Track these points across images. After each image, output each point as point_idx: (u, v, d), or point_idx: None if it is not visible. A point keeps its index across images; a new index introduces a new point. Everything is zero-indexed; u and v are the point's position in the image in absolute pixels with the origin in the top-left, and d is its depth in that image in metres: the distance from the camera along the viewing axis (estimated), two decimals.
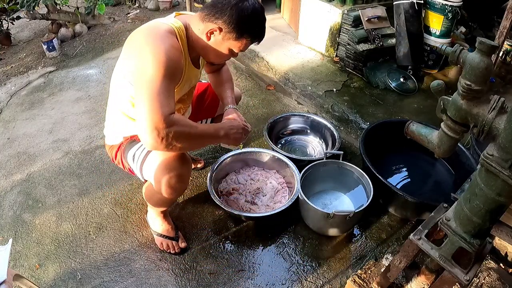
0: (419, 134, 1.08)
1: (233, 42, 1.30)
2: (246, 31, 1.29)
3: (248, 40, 1.32)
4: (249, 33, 1.31)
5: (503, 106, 0.85)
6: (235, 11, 1.24)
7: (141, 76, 1.16)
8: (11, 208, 1.90)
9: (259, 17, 1.31)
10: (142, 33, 1.24)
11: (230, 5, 1.24)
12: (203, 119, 1.86)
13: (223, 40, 1.30)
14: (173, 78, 1.22)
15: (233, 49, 1.34)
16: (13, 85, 3.10)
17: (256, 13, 1.28)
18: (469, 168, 1.85)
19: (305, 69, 3.03)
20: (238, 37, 1.29)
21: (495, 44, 0.83)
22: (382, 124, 2.11)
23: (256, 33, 1.34)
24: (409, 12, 2.72)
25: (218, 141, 1.41)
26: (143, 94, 1.14)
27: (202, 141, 1.37)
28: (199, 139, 1.30)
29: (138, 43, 1.22)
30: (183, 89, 1.45)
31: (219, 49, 1.33)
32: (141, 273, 1.59)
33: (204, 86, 1.84)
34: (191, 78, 1.47)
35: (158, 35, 1.21)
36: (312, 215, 1.70)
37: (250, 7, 1.27)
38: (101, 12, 3.90)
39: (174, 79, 1.24)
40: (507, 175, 0.81)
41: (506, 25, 2.32)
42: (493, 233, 1.01)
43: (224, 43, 1.31)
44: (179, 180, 1.35)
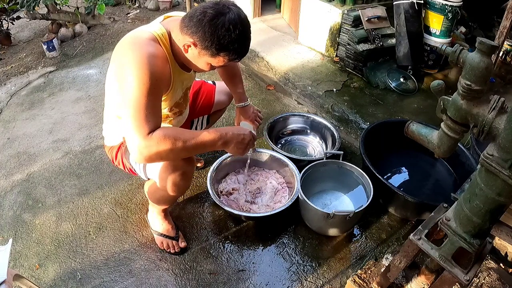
0: (419, 134, 1.08)
1: (209, 58, 1.23)
2: (223, 49, 1.18)
3: (225, 57, 1.22)
4: (226, 51, 1.19)
5: (503, 106, 0.85)
6: (209, 27, 1.14)
7: (124, 94, 1.14)
8: (11, 208, 1.90)
9: (239, 33, 1.17)
10: (125, 43, 1.21)
11: (205, 21, 1.14)
12: (199, 116, 1.87)
13: (200, 55, 1.23)
14: (157, 92, 1.19)
15: (212, 64, 1.26)
16: (13, 85, 3.10)
17: (235, 28, 1.15)
18: (469, 168, 1.85)
19: (305, 69, 3.03)
20: (214, 54, 1.20)
21: (495, 44, 0.83)
22: (382, 124, 2.11)
23: (235, 51, 1.21)
24: (409, 12, 2.72)
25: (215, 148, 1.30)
26: (126, 113, 1.14)
27: (194, 151, 1.27)
28: (190, 151, 1.23)
29: (121, 54, 1.20)
30: (176, 94, 1.43)
31: (197, 63, 1.28)
32: (141, 273, 1.59)
33: (198, 84, 1.83)
34: (183, 82, 1.44)
35: (139, 45, 1.18)
36: (312, 215, 1.70)
37: (227, 23, 1.14)
38: (101, 12, 3.90)
39: (159, 92, 1.20)
40: (507, 175, 0.81)
41: (506, 25, 2.32)
42: (493, 233, 1.01)
43: (201, 58, 1.24)
44: (183, 178, 1.37)
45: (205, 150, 1.30)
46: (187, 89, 1.56)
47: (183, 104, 1.56)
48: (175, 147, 1.15)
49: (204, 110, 1.85)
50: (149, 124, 1.14)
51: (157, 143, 1.13)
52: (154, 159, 1.18)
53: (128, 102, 1.13)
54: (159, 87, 1.19)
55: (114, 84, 1.29)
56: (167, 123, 1.55)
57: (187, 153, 1.25)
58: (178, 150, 1.17)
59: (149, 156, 1.15)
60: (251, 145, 1.37)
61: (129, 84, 1.13)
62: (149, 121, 1.13)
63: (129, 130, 1.14)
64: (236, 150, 1.31)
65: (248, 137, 1.33)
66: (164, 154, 1.16)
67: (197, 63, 1.28)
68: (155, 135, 1.13)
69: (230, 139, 1.28)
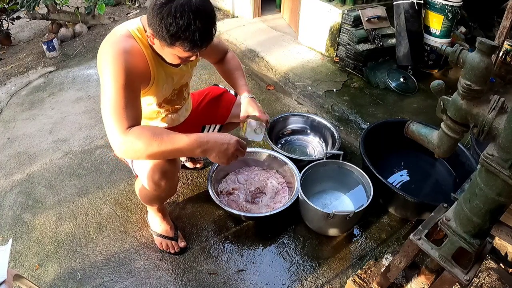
0: (419, 134, 1.08)
1: (169, 49, 1.17)
2: (175, 38, 1.11)
3: (181, 47, 1.15)
4: (179, 40, 1.12)
5: (503, 106, 0.85)
6: (157, 16, 1.09)
7: (102, 92, 1.17)
8: (11, 208, 1.90)
9: (187, 21, 1.08)
10: (103, 43, 1.23)
11: (154, 10, 1.09)
12: (212, 124, 1.81)
13: (161, 46, 1.19)
14: (133, 87, 1.18)
15: (177, 55, 1.20)
16: (13, 85, 3.10)
17: (182, 16, 1.07)
18: (469, 168, 1.85)
19: (305, 69, 3.03)
20: (170, 44, 1.15)
21: (495, 44, 0.83)
22: (382, 124, 2.11)
23: (188, 40, 1.12)
24: (409, 12, 2.72)
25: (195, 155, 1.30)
26: (104, 109, 1.15)
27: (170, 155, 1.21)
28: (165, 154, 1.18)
29: (100, 53, 1.22)
30: (162, 90, 1.39)
31: (165, 56, 1.25)
32: (141, 273, 1.59)
33: (219, 91, 1.79)
34: (172, 77, 1.39)
35: (113, 42, 1.19)
36: (312, 215, 1.70)
37: (173, 10, 1.07)
38: (101, 12, 3.90)
39: (135, 87, 1.20)
40: (507, 175, 0.81)
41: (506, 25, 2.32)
42: (493, 233, 1.01)
43: (164, 49, 1.20)
44: (162, 177, 1.33)
45: (184, 155, 1.27)
46: (181, 86, 1.51)
47: (176, 101, 1.52)
48: (150, 147, 1.13)
49: (218, 119, 1.80)
50: (127, 120, 1.14)
51: (132, 141, 1.12)
52: (132, 156, 1.19)
53: (105, 99, 1.15)
54: (134, 82, 1.19)
55: None
56: (159, 120, 1.53)
57: (162, 156, 1.18)
58: (153, 151, 1.14)
59: (126, 152, 1.15)
60: (240, 154, 1.24)
61: (105, 81, 1.15)
62: (126, 117, 1.14)
63: (107, 126, 1.15)
64: (218, 160, 1.21)
65: (232, 147, 1.20)
66: (140, 153, 1.14)
67: (164, 55, 1.26)
68: (132, 132, 1.13)
69: (211, 147, 1.18)
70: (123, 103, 1.14)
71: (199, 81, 3.03)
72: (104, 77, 1.16)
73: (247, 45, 3.44)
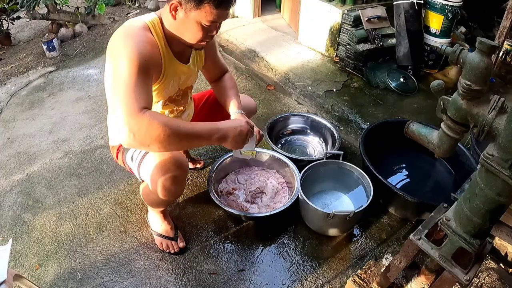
0: (419, 134, 1.08)
1: (196, 12, 1.18)
2: None
3: (210, 4, 1.16)
4: None
5: (503, 106, 0.85)
6: None
7: (114, 77, 1.13)
8: (11, 208, 1.90)
9: None
10: (116, 35, 1.20)
11: None
12: None
13: (186, 13, 1.19)
14: (147, 72, 1.16)
15: (201, 22, 1.20)
16: (13, 85, 3.10)
17: None
18: (469, 168, 1.85)
19: (305, 69, 3.03)
20: (198, 4, 1.16)
21: (495, 44, 0.83)
22: (382, 124, 2.11)
23: None
24: (409, 12, 2.72)
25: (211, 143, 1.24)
26: (115, 91, 1.10)
27: (187, 141, 1.17)
28: (182, 139, 1.14)
29: (112, 46, 1.19)
30: (169, 86, 1.40)
31: (188, 27, 1.23)
32: (141, 273, 1.59)
33: None
34: (179, 74, 1.40)
35: (129, 34, 1.18)
36: (312, 215, 1.70)
37: None
38: (101, 12, 3.90)
39: (148, 73, 1.17)
40: (507, 175, 0.81)
41: (506, 25, 2.32)
42: (493, 233, 1.01)
43: (189, 18, 1.20)
44: (173, 182, 1.33)
45: (200, 143, 1.23)
46: (187, 88, 1.53)
47: (181, 101, 1.53)
48: (168, 129, 1.08)
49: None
50: (141, 101, 1.09)
51: (149, 121, 1.06)
52: (143, 141, 1.08)
53: (118, 79, 1.11)
54: (149, 68, 1.17)
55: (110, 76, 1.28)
56: None
57: (179, 141, 1.13)
58: (171, 134, 1.09)
59: (139, 135, 1.06)
60: (250, 135, 1.32)
61: (119, 64, 1.12)
62: (140, 98, 1.09)
63: (119, 107, 1.08)
64: (235, 144, 1.26)
65: (245, 128, 1.28)
66: (155, 135, 1.07)
67: (187, 29, 1.23)
68: (148, 113, 1.08)
69: (227, 132, 1.23)
70: (138, 84, 1.10)
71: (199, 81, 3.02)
72: (118, 60, 1.12)
73: (247, 45, 3.44)
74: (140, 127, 1.06)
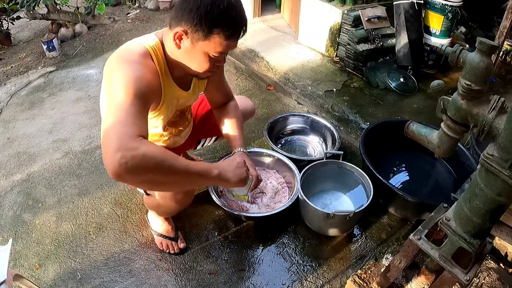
0: (419, 134, 1.08)
1: (204, 43, 1.10)
2: (215, 24, 1.06)
3: (220, 35, 1.08)
4: (219, 25, 1.07)
5: (503, 106, 0.85)
6: (193, 2, 1.04)
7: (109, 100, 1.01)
8: (11, 208, 1.90)
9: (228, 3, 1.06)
10: (115, 59, 1.11)
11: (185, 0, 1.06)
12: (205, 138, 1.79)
13: (193, 44, 1.11)
14: (145, 100, 1.05)
15: (209, 52, 1.13)
16: (13, 85, 3.10)
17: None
18: (469, 168, 1.85)
19: (305, 69, 3.03)
20: (207, 34, 1.08)
21: (495, 44, 0.83)
22: (382, 124, 2.11)
23: (229, 23, 1.08)
24: (409, 12, 2.72)
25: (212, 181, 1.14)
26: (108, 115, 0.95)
27: (185, 177, 1.02)
28: (179, 174, 0.99)
29: (110, 69, 1.09)
30: (167, 112, 1.32)
31: (194, 58, 1.15)
32: (141, 273, 1.59)
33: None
34: (178, 99, 1.34)
35: (128, 59, 1.09)
36: (312, 215, 1.70)
37: None
38: (101, 12, 3.90)
39: (146, 101, 1.06)
40: (507, 175, 0.81)
41: (506, 25, 2.32)
42: (493, 233, 1.01)
43: (195, 48, 1.12)
44: (185, 195, 1.36)
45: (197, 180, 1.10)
46: (185, 110, 1.48)
47: (179, 122, 1.48)
48: (166, 161, 0.94)
49: (215, 131, 1.73)
50: (137, 127, 0.94)
51: (146, 149, 0.90)
52: (136, 171, 0.89)
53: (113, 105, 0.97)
54: (147, 95, 1.06)
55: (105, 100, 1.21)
56: (161, 143, 1.47)
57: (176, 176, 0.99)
58: (168, 167, 0.95)
59: (133, 164, 0.87)
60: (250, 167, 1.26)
61: (114, 88, 1.01)
62: (136, 124, 0.95)
63: (111, 131, 0.90)
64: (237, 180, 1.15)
65: (241, 161, 1.21)
66: (152, 166, 0.91)
67: (193, 58, 1.16)
68: (145, 141, 0.93)
69: (227, 167, 1.14)
70: (135, 110, 0.98)
71: None
72: (115, 84, 1.02)
73: (247, 45, 3.44)
74: (134, 155, 0.87)
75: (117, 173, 0.87)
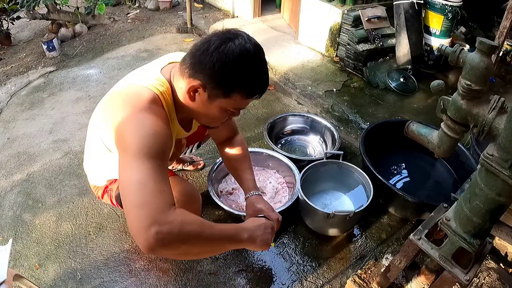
0: (419, 134, 1.08)
1: (223, 100, 1.01)
2: (237, 83, 0.99)
3: (243, 94, 1.01)
4: (242, 85, 0.99)
5: (503, 106, 0.85)
6: (217, 58, 0.94)
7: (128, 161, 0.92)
8: (11, 208, 1.90)
9: (253, 61, 0.99)
10: (122, 104, 1.01)
11: (210, 51, 0.95)
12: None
13: (210, 99, 1.02)
14: (165, 157, 0.99)
15: (227, 108, 1.05)
16: (13, 85, 3.10)
17: (247, 55, 0.97)
18: (469, 168, 1.85)
19: (305, 69, 3.03)
20: (227, 93, 1.00)
21: (495, 44, 0.83)
22: (382, 124, 2.11)
23: (252, 84, 1.01)
24: (409, 12, 2.72)
25: (240, 245, 1.05)
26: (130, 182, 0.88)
27: (218, 245, 0.98)
28: (214, 243, 0.94)
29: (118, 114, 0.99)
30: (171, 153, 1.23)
31: (210, 111, 1.06)
32: (141, 273, 1.59)
33: None
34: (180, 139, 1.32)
35: (139, 108, 0.99)
36: (312, 215, 1.70)
37: (237, 48, 0.95)
38: (101, 12, 3.90)
39: (166, 157, 1.01)
40: (507, 175, 0.81)
41: (506, 25, 2.32)
42: (493, 233, 1.01)
43: (213, 104, 1.03)
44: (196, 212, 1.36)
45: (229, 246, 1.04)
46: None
47: (177, 153, 1.50)
48: (203, 231, 0.90)
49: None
50: (166, 195, 0.88)
51: (182, 221, 0.85)
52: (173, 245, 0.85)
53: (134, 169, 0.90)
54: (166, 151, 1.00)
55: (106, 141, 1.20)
56: None
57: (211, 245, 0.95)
58: (204, 238, 0.91)
59: (169, 238, 0.83)
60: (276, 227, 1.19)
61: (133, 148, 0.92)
62: (165, 192, 0.89)
63: (137, 202, 0.85)
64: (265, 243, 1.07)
65: (269, 223, 1.12)
66: (189, 239, 0.87)
67: (208, 112, 1.07)
68: (178, 211, 0.88)
69: (255, 231, 1.05)
70: (160, 174, 0.91)
71: None
72: (130, 142, 0.93)
73: None
74: (171, 230, 0.83)
75: (152, 249, 0.82)
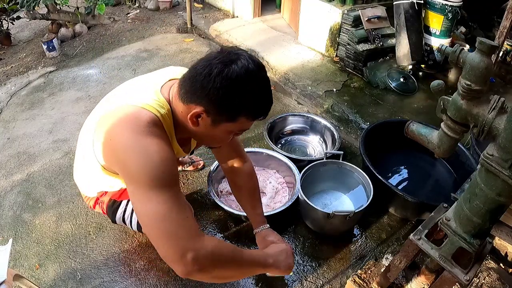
0: (419, 134, 1.08)
1: (228, 124, 0.99)
2: (243, 108, 0.96)
3: (248, 117, 0.99)
4: (247, 109, 0.97)
5: (503, 106, 0.85)
6: (220, 84, 0.91)
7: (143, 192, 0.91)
8: (11, 208, 1.90)
9: (257, 83, 0.96)
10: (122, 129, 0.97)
11: (213, 76, 0.91)
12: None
13: (214, 124, 0.99)
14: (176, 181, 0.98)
15: (233, 131, 1.04)
16: (13, 85, 3.10)
17: (251, 78, 0.93)
18: (469, 168, 1.85)
19: (305, 69, 3.03)
20: (232, 118, 0.97)
21: (495, 44, 0.83)
22: (382, 124, 2.11)
23: (258, 106, 0.99)
24: (409, 12, 2.72)
25: (265, 270, 1.10)
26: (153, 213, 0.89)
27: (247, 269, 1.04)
28: (244, 267, 1.01)
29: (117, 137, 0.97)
30: None
31: (214, 134, 1.04)
32: (141, 273, 1.59)
33: None
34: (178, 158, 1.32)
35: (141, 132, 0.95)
36: (312, 215, 1.70)
37: (241, 72, 0.91)
38: (101, 12, 3.90)
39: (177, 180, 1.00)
40: (507, 175, 0.81)
41: (506, 25, 2.32)
42: (493, 233, 1.01)
43: (217, 127, 1.00)
44: None
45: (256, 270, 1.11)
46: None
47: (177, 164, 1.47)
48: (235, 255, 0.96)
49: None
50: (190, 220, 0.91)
51: (214, 246, 0.91)
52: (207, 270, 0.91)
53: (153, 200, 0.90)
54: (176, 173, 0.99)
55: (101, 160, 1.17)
56: None
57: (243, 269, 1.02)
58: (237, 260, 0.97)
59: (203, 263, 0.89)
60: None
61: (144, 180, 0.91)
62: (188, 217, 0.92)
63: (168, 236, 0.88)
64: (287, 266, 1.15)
65: (290, 249, 1.22)
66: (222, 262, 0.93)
67: (213, 136, 1.06)
68: (207, 237, 0.92)
69: (279, 256, 1.14)
70: (178, 199, 0.92)
71: None
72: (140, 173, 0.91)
73: (247, 45, 3.44)
74: (205, 254, 0.89)
75: (190, 273, 0.89)
